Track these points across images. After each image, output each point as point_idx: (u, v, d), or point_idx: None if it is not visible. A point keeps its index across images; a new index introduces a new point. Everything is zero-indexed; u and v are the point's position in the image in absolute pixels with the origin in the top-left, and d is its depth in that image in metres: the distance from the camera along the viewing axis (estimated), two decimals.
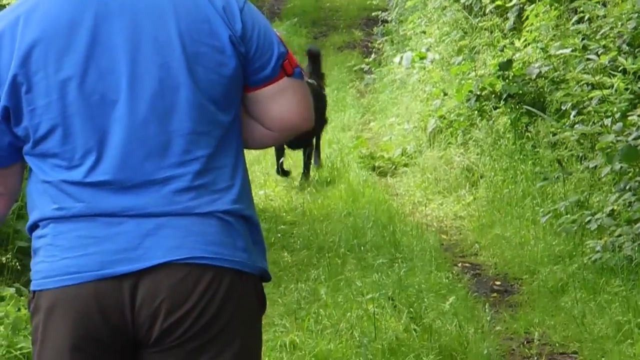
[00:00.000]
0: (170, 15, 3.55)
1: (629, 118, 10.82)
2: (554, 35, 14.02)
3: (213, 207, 3.64)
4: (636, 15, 11.49)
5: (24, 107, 3.58)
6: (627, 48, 11.71)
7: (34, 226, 3.73)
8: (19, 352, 7.52)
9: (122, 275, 3.53)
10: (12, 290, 8.09)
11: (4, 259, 8.94)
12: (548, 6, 14.25)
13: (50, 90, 3.60)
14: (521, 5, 15.16)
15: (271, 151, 16.18)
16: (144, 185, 3.66)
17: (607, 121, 11.26)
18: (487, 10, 16.37)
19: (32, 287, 3.71)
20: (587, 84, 12.18)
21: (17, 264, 8.73)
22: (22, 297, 7.92)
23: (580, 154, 12.24)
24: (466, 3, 17.29)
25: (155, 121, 3.61)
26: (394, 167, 15.97)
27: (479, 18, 16.97)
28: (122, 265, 3.54)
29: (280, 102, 3.81)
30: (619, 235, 9.94)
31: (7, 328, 7.78)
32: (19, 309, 7.97)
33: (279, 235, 12.18)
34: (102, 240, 3.60)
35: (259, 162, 17.00)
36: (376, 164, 16.06)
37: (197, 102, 3.61)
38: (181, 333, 3.60)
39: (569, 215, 11.07)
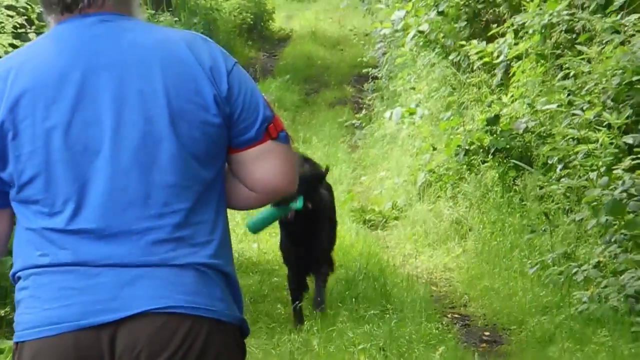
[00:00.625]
0: (158, 71, 3.67)
1: (614, 172, 10.88)
2: (540, 91, 14.02)
3: (191, 260, 3.73)
4: (620, 71, 11.48)
5: (10, 153, 3.69)
6: (611, 103, 11.69)
7: (17, 278, 3.82)
8: None
9: (100, 325, 3.60)
10: (10, 342, 7.79)
11: (2, 312, 8.99)
12: (534, 63, 14.33)
13: (35, 138, 3.71)
14: (508, 62, 15.13)
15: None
16: (123, 234, 3.74)
17: (593, 175, 11.30)
18: (475, 67, 16.21)
19: (14, 339, 3.76)
20: (573, 139, 12.30)
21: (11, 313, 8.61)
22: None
23: (567, 207, 12.33)
24: (454, 60, 17.25)
25: (137, 172, 3.72)
26: (384, 220, 16.11)
27: (467, 74, 16.83)
28: (100, 315, 3.61)
29: (263, 164, 3.91)
30: (605, 287, 10.02)
31: None
32: None
33: (272, 287, 12.00)
34: (82, 291, 3.67)
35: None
36: (367, 217, 16.19)
37: (179, 156, 3.71)
38: None
39: (556, 267, 11.14)
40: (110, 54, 3.81)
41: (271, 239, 14.55)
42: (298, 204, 6.32)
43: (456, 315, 11.50)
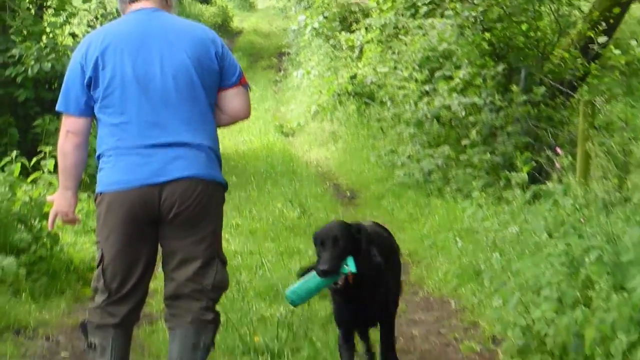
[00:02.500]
0: (186, 40, 4.75)
1: (419, 105, 13.54)
2: (379, 61, 17.31)
3: (203, 143, 4.74)
4: (423, 49, 14.05)
5: (100, 77, 4.61)
6: (417, 68, 14.24)
7: (102, 155, 4.70)
8: (89, 227, 9.19)
9: (153, 184, 4.61)
10: (85, 194, 9.31)
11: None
12: (376, 46, 17.89)
13: (116, 69, 4.62)
14: (361, 45, 19.05)
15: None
16: (167, 125, 4.65)
17: (407, 106, 14.16)
18: (344, 48, 20.24)
19: (98, 190, 4.71)
20: (397, 87, 15.19)
21: (88, 180, 9.07)
22: (90, 198, 8.79)
23: (393, 124, 15.16)
24: (332, 44, 21.28)
25: (174, 90, 4.64)
26: (293, 132, 19.98)
27: (339, 52, 20.78)
28: (154, 179, 4.61)
29: (236, 99, 4.94)
30: (413, 168, 12.95)
31: (83, 215, 9.36)
32: (89, 206, 9.42)
33: (233, 167, 14.69)
34: (143, 165, 4.62)
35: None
36: (283, 130, 20.04)
37: (194, 89, 4.70)
38: (185, 216, 4.67)
39: (386, 157, 14.19)
40: (159, 27, 4.77)
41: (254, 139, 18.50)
42: (350, 267, 4.94)
43: (332, 183, 14.64)
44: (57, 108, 4.75)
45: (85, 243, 8.72)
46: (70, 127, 4.65)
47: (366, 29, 17.24)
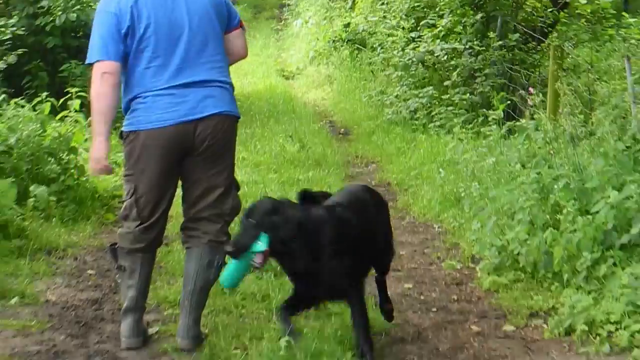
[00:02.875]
0: (207, 2, 4.81)
1: (405, 50, 13.56)
2: (370, 11, 17.19)
3: (226, 79, 4.90)
4: (409, 0, 14.03)
5: (137, 26, 4.61)
6: (404, 17, 14.36)
7: (135, 97, 4.68)
8: (111, 161, 8.14)
9: (188, 121, 4.68)
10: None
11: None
12: None
13: (150, 17, 4.62)
14: None
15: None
16: (197, 67, 4.73)
17: (395, 52, 14.06)
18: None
19: (131, 128, 4.66)
20: (386, 35, 14.94)
21: None
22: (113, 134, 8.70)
23: (383, 68, 15.07)
24: None
25: (200, 34, 4.75)
26: (292, 75, 19.67)
27: (335, 2, 20.00)
28: (189, 116, 4.68)
29: (237, 40, 5.10)
30: (400, 106, 12.97)
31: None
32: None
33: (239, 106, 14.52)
34: (178, 104, 4.67)
35: None
36: (284, 74, 19.77)
37: (215, 31, 4.85)
38: (213, 149, 4.75)
39: (377, 97, 14.20)
40: None
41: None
42: (258, 247, 4.34)
43: (327, 121, 14.52)
44: (96, 58, 4.59)
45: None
46: (107, 69, 4.54)
47: None
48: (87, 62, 4.69)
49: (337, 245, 4.63)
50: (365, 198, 5.17)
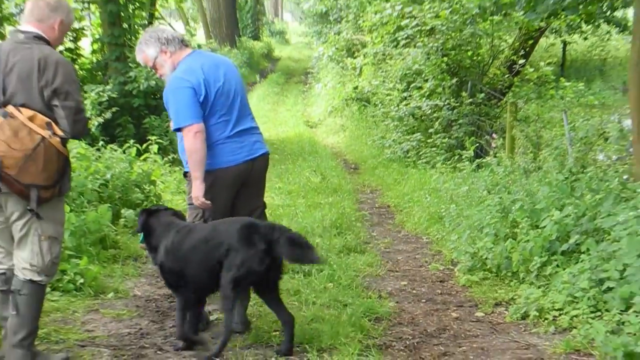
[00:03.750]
0: (231, 70, 4.79)
1: (399, 106, 13.00)
2: (373, 76, 16.74)
3: (258, 126, 4.90)
4: (402, 69, 13.43)
5: (208, 95, 4.58)
6: (399, 81, 13.63)
7: (208, 145, 4.56)
8: (181, 189, 8.85)
9: (248, 160, 4.70)
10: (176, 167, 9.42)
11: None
12: (370, 67, 17.00)
13: (215, 87, 4.61)
14: (361, 66, 18.31)
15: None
16: (245, 118, 4.79)
17: (392, 107, 13.57)
18: (349, 68, 19.47)
19: (207, 168, 4.53)
20: (385, 94, 14.56)
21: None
22: (180, 170, 8.77)
23: (383, 119, 14.57)
24: (342, 65, 20.30)
25: (241, 97, 4.76)
26: (315, 125, 19.29)
27: (346, 71, 19.67)
28: (249, 156, 4.70)
29: None
30: (396, 148, 12.73)
31: (177, 182, 9.30)
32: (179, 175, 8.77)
33: (275, 148, 13.85)
34: (241, 149, 4.69)
35: None
36: (309, 124, 19.36)
37: (245, 92, 4.90)
38: (259, 179, 4.84)
39: (378, 141, 13.94)
40: (215, 59, 4.88)
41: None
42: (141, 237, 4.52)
43: (342, 159, 14.22)
44: (189, 122, 4.49)
45: (179, 200, 8.55)
46: (198, 129, 4.47)
47: (364, 55, 17.03)
48: (177, 126, 4.56)
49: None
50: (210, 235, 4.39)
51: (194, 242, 4.34)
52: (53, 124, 3.78)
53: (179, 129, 4.54)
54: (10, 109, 3.73)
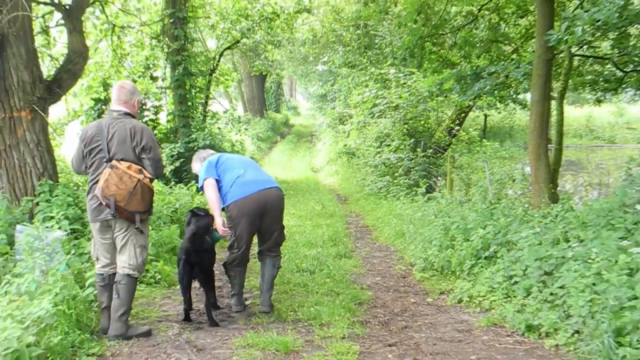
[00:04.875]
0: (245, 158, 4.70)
1: (375, 157, 12.45)
2: (357, 137, 15.30)
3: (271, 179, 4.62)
4: (377, 132, 12.86)
5: (224, 173, 4.42)
6: (374, 141, 12.91)
7: (226, 193, 4.39)
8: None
9: (260, 191, 4.41)
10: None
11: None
12: (356, 131, 15.62)
13: (235, 163, 4.52)
14: (349, 131, 16.94)
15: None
16: (261, 174, 4.58)
17: (370, 159, 12.91)
18: (341, 132, 18.60)
19: (228, 202, 4.36)
20: (365, 149, 13.81)
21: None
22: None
23: (364, 167, 13.41)
24: (335, 130, 19.55)
25: (255, 166, 4.63)
26: (318, 170, 18.61)
27: (339, 133, 18.93)
28: (260, 188, 4.43)
29: None
30: (373, 187, 12.08)
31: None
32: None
33: (290, 187, 13.68)
34: (254, 182, 4.44)
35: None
36: (313, 169, 18.74)
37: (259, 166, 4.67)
38: (276, 210, 4.52)
39: (361, 182, 13.12)
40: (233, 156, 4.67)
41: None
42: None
43: (335, 194, 13.57)
44: (206, 176, 4.41)
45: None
46: (213, 182, 4.36)
47: (351, 123, 16.59)
48: (201, 183, 4.45)
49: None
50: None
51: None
52: (143, 169, 3.86)
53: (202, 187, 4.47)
54: (114, 162, 3.82)
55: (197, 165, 4.60)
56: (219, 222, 4.34)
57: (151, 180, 3.91)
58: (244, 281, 4.73)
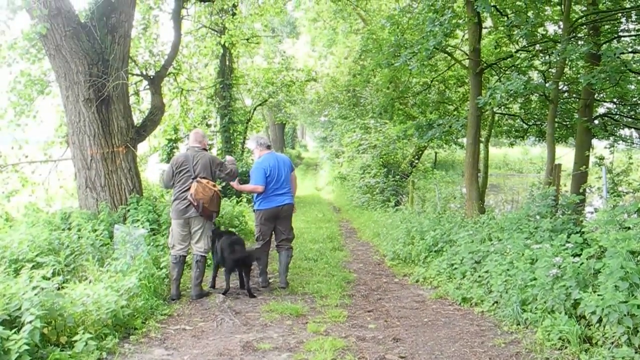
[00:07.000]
0: (287, 161, 4.35)
1: (360, 181, 11.92)
2: (347, 166, 14.22)
3: (290, 192, 4.34)
4: (361, 164, 12.49)
5: (270, 174, 4.21)
6: (359, 169, 12.38)
7: (262, 198, 4.25)
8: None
9: (279, 206, 4.25)
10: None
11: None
12: (347, 163, 14.49)
13: (273, 172, 4.24)
14: (342, 161, 15.44)
15: None
16: (283, 188, 4.30)
17: (356, 182, 12.39)
18: (337, 162, 16.83)
19: (259, 208, 4.22)
20: (353, 176, 13.18)
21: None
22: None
23: (352, 187, 12.59)
24: (332, 161, 18.36)
25: (286, 175, 4.31)
26: (320, 189, 17.73)
27: (335, 164, 17.56)
28: (280, 204, 4.26)
29: (293, 177, 4.31)
30: (358, 201, 11.33)
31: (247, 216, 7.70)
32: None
33: (300, 201, 12.89)
34: (276, 200, 4.24)
35: None
36: (317, 189, 17.88)
37: (288, 173, 4.32)
38: (287, 216, 4.32)
39: (350, 197, 12.21)
40: (277, 157, 4.34)
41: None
42: None
43: (332, 206, 12.75)
44: (256, 183, 4.19)
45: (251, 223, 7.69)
46: (261, 188, 4.20)
47: (343, 157, 15.83)
48: (253, 184, 4.23)
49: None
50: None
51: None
52: (216, 184, 3.98)
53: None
54: (199, 179, 3.93)
55: (253, 144, 4.40)
56: (239, 187, 4.23)
57: (222, 191, 3.96)
58: (267, 264, 4.58)
